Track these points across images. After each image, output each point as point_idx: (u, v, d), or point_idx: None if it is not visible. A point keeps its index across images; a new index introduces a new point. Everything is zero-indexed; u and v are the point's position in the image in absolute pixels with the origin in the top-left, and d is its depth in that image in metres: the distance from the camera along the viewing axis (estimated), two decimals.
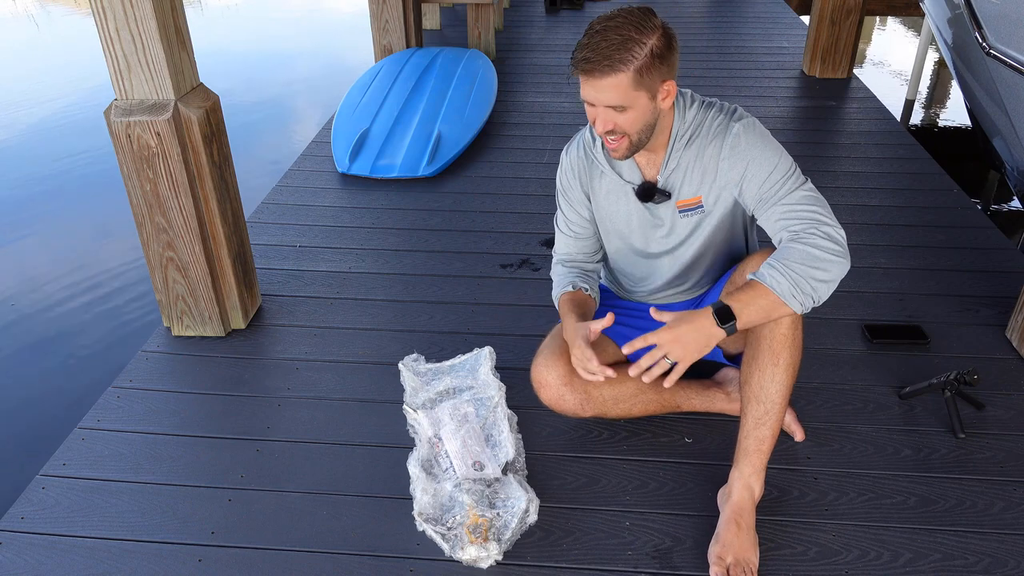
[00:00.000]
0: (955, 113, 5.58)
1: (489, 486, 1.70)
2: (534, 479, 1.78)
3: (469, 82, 4.04)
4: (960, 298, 2.44)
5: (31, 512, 1.72)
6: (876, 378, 2.09)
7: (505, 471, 1.76)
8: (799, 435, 1.87)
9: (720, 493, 1.67)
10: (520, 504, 1.64)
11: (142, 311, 3.38)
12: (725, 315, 1.44)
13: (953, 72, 3.51)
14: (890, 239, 2.80)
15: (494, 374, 2.02)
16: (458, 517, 1.62)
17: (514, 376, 2.05)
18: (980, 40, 2.74)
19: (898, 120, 4.01)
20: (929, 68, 6.47)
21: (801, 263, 1.44)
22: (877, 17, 7.94)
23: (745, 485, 1.61)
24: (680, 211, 1.69)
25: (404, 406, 1.98)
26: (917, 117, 5.53)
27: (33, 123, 5.58)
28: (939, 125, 5.43)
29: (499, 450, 1.81)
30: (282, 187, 3.28)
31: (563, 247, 1.87)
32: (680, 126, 1.61)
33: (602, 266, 1.95)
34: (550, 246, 2.78)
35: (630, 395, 1.82)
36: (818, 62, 4.53)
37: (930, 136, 5.15)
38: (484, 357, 2.07)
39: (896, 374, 2.10)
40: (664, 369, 1.48)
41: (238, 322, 2.33)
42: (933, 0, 3.56)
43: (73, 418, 2.02)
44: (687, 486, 1.76)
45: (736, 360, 1.87)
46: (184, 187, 2.05)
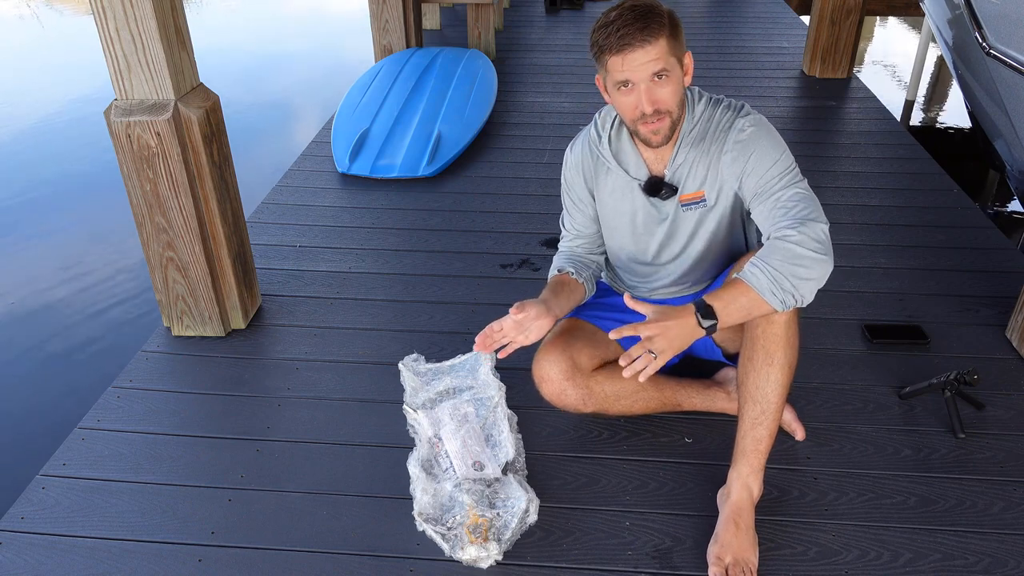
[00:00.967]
0: (955, 113, 5.58)
1: (489, 486, 1.70)
2: (534, 479, 1.78)
3: (469, 82, 4.04)
4: (960, 298, 2.44)
5: (31, 512, 1.72)
6: (876, 378, 2.09)
7: (505, 471, 1.76)
8: (800, 434, 1.87)
9: (720, 493, 1.67)
10: (520, 504, 1.64)
11: (142, 311, 3.38)
12: (707, 314, 1.43)
13: (953, 72, 3.51)
14: (890, 239, 2.80)
15: (494, 374, 2.02)
16: (458, 517, 1.62)
17: (514, 376, 2.05)
18: (980, 40, 2.74)
19: (898, 120, 4.01)
20: (929, 68, 6.47)
21: (782, 260, 1.43)
22: (877, 17, 7.94)
23: (743, 485, 1.61)
24: (683, 205, 1.70)
25: (404, 406, 1.98)
26: (917, 117, 5.53)
27: (33, 123, 5.58)
28: (939, 125, 5.43)
29: (499, 450, 1.81)
30: (282, 187, 3.28)
31: (566, 242, 1.89)
32: (689, 121, 1.63)
33: (604, 261, 1.95)
34: (550, 246, 2.78)
35: (631, 392, 1.82)
36: (818, 62, 4.52)
37: (930, 136, 5.15)
38: (484, 357, 2.07)
39: (896, 374, 2.10)
40: (650, 364, 1.44)
41: (238, 322, 2.33)
42: (933, 0, 3.56)
43: (73, 418, 2.02)
44: (687, 486, 1.76)
45: (736, 359, 1.87)
46: (184, 187, 2.05)
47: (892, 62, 6.87)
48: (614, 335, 1.47)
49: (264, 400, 2.06)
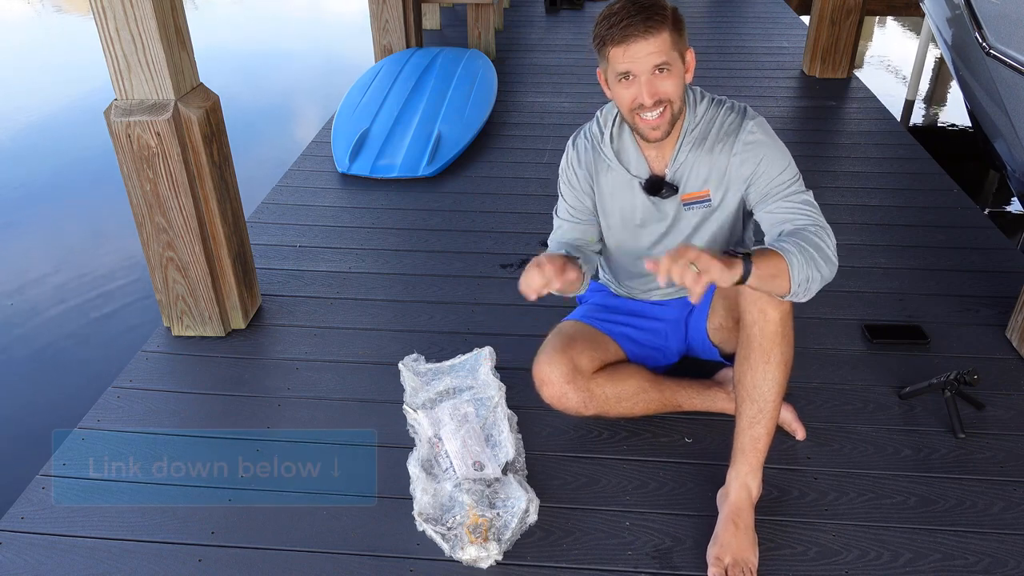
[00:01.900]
0: (955, 113, 5.58)
1: (489, 486, 1.70)
2: (534, 479, 1.78)
3: (469, 82, 4.04)
4: (960, 298, 2.44)
5: (31, 512, 1.72)
6: (876, 378, 2.09)
7: (505, 471, 1.76)
8: (800, 434, 1.87)
9: (719, 493, 1.67)
10: (520, 504, 1.64)
11: (142, 311, 3.38)
12: (747, 266, 1.35)
13: (953, 72, 3.51)
14: (890, 239, 2.80)
15: (494, 374, 2.02)
16: (458, 517, 1.62)
17: (514, 376, 2.05)
18: (980, 40, 2.74)
19: (898, 120, 4.01)
20: (929, 68, 6.47)
21: (814, 251, 1.44)
22: (877, 17, 7.94)
23: (742, 485, 1.61)
24: (684, 204, 1.69)
25: (404, 406, 1.98)
26: (917, 117, 5.53)
27: (32, 123, 5.58)
28: (939, 125, 5.43)
29: (499, 450, 1.81)
30: (282, 187, 3.28)
31: (561, 234, 1.79)
32: (691, 120, 1.62)
33: (600, 261, 1.94)
34: None
35: (632, 393, 1.82)
36: (818, 62, 4.52)
37: (930, 136, 5.15)
38: (484, 357, 2.07)
39: (896, 374, 2.10)
40: (688, 275, 1.26)
41: (238, 322, 2.33)
42: (933, 0, 3.56)
43: (73, 418, 2.02)
44: (687, 486, 1.76)
45: (733, 359, 1.87)
46: (184, 187, 2.05)
47: (892, 62, 6.87)
48: (651, 266, 1.31)
49: (264, 400, 2.06)
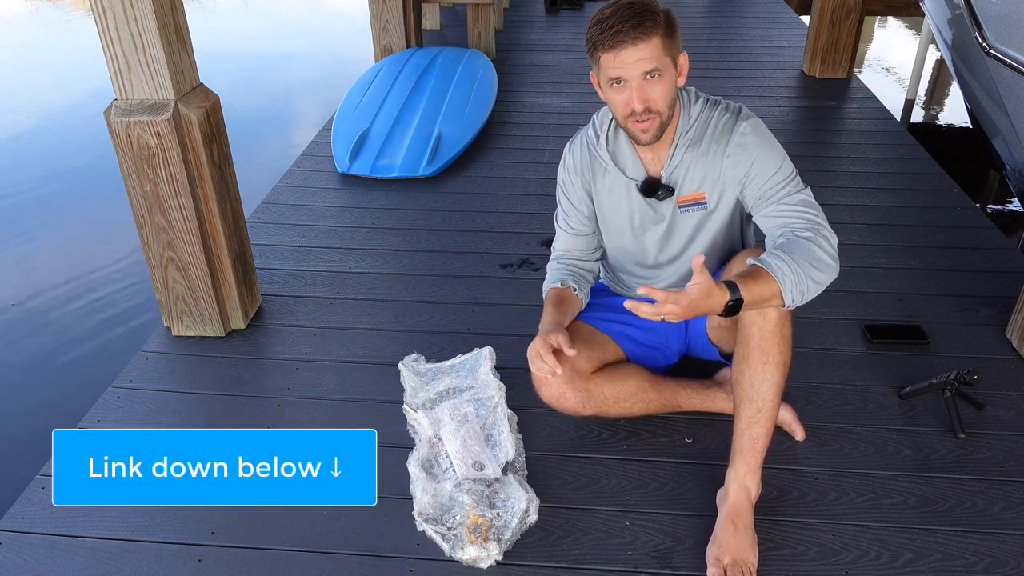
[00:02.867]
0: (955, 113, 5.58)
1: (489, 486, 1.70)
2: (534, 479, 1.78)
3: (469, 82, 4.04)
4: (960, 298, 2.44)
5: (31, 512, 1.72)
6: (876, 378, 2.09)
7: (505, 471, 1.76)
8: (800, 434, 1.87)
9: (719, 494, 1.67)
10: (520, 504, 1.64)
11: (142, 311, 3.38)
12: (736, 304, 1.39)
13: (953, 72, 3.51)
14: (890, 239, 2.80)
15: (494, 374, 2.02)
16: (458, 517, 1.62)
17: (514, 376, 2.05)
18: (980, 40, 2.74)
19: (898, 120, 4.01)
20: (929, 68, 6.47)
21: (804, 259, 1.44)
22: (877, 17, 7.94)
23: (741, 485, 1.61)
24: (680, 206, 1.69)
25: (404, 406, 1.98)
26: (917, 117, 5.52)
27: (32, 123, 5.57)
28: (939, 125, 5.43)
29: (499, 450, 1.81)
30: (282, 187, 3.28)
31: (561, 244, 1.88)
32: (685, 122, 1.62)
33: (601, 264, 1.95)
34: (550, 246, 2.77)
35: (630, 394, 1.82)
36: (818, 62, 4.52)
37: (930, 136, 5.14)
38: (484, 357, 2.07)
39: (896, 374, 2.10)
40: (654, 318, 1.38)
41: (238, 322, 2.33)
42: (933, 0, 3.56)
43: (73, 418, 2.02)
44: (687, 486, 1.76)
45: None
46: (184, 187, 2.05)
47: (892, 62, 6.86)
48: (629, 305, 1.38)
49: (264, 400, 2.06)
